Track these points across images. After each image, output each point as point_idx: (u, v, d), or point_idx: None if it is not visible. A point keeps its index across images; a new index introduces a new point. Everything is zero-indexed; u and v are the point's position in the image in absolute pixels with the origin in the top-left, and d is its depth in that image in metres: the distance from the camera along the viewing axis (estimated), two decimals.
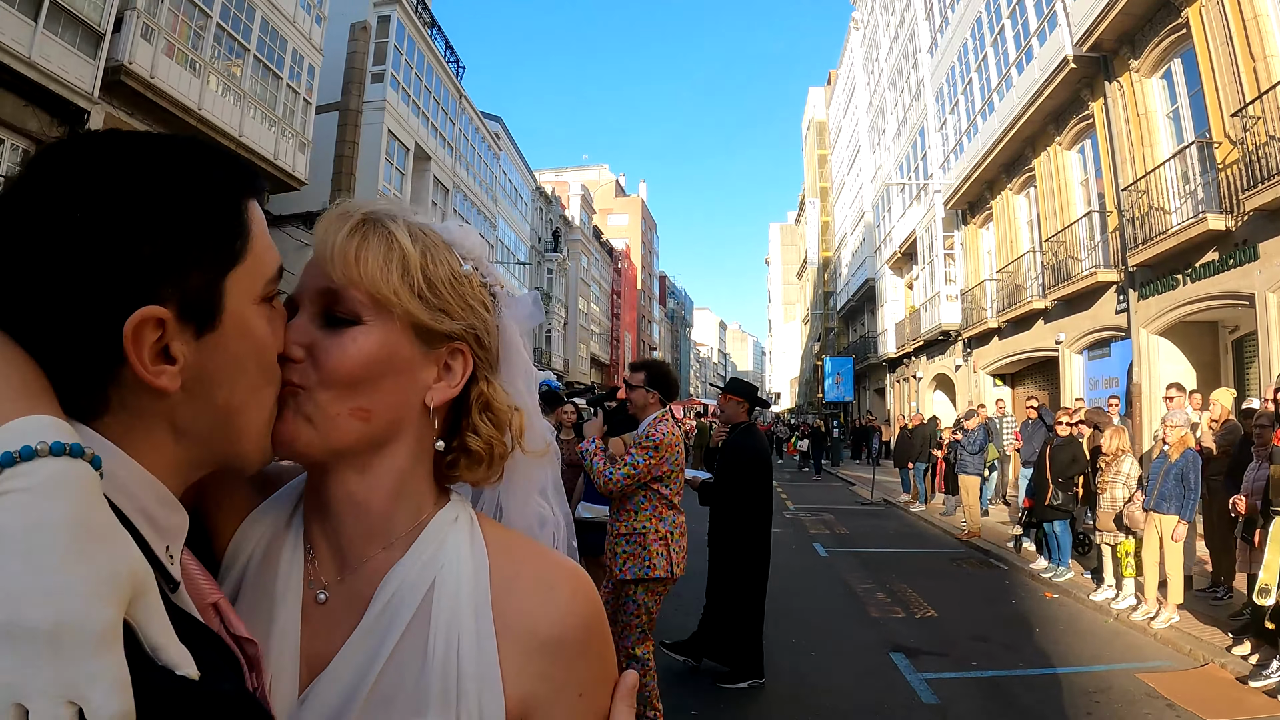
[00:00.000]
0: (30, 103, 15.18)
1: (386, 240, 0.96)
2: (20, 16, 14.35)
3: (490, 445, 1.03)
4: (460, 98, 32.62)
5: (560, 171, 77.87)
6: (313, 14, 22.37)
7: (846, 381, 38.47)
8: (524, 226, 46.65)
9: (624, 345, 77.53)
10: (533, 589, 0.97)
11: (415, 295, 0.96)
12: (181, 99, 17.91)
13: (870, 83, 41.53)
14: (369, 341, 0.94)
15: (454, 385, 1.02)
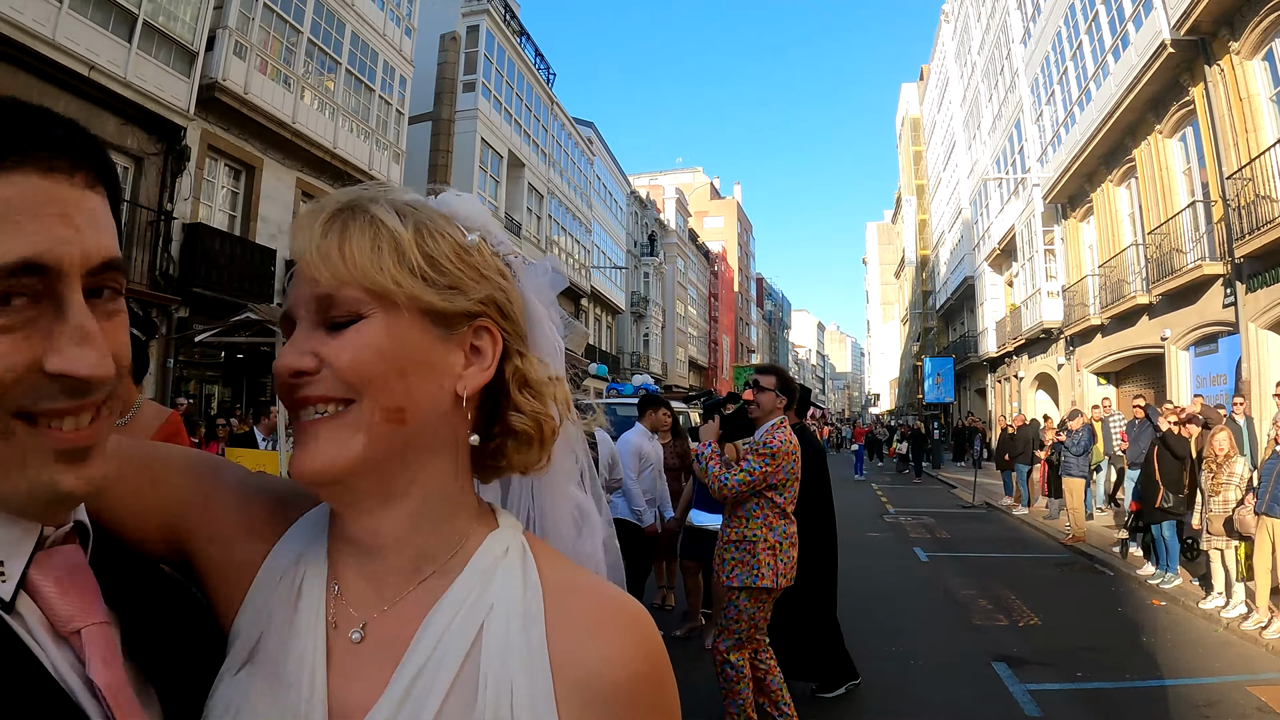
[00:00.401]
0: (128, 122, 15.25)
1: (371, 225, 0.83)
2: (115, 39, 14.40)
3: (539, 422, 0.91)
4: (552, 104, 32.29)
5: (654, 175, 77.22)
6: (402, 26, 22.23)
7: (947, 382, 37.32)
8: (619, 231, 46.16)
9: (722, 348, 76.57)
10: (592, 635, 0.85)
11: (417, 277, 0.82)
12: (275, 113, 17.89)
13: (963, 76, 39.91)
14: (375, 333, 0.81)
15: (486, 367, 0.88)
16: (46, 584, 0.74)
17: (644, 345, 50.55)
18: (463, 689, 0.81)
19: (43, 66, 13.44)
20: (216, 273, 16.70)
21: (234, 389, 18.08)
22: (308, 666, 0.84)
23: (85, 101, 14.36)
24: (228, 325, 14.00)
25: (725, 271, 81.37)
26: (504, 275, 0.92)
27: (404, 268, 0.82)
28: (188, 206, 16.58)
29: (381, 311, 0.82)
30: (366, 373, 0.80)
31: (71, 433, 0.70)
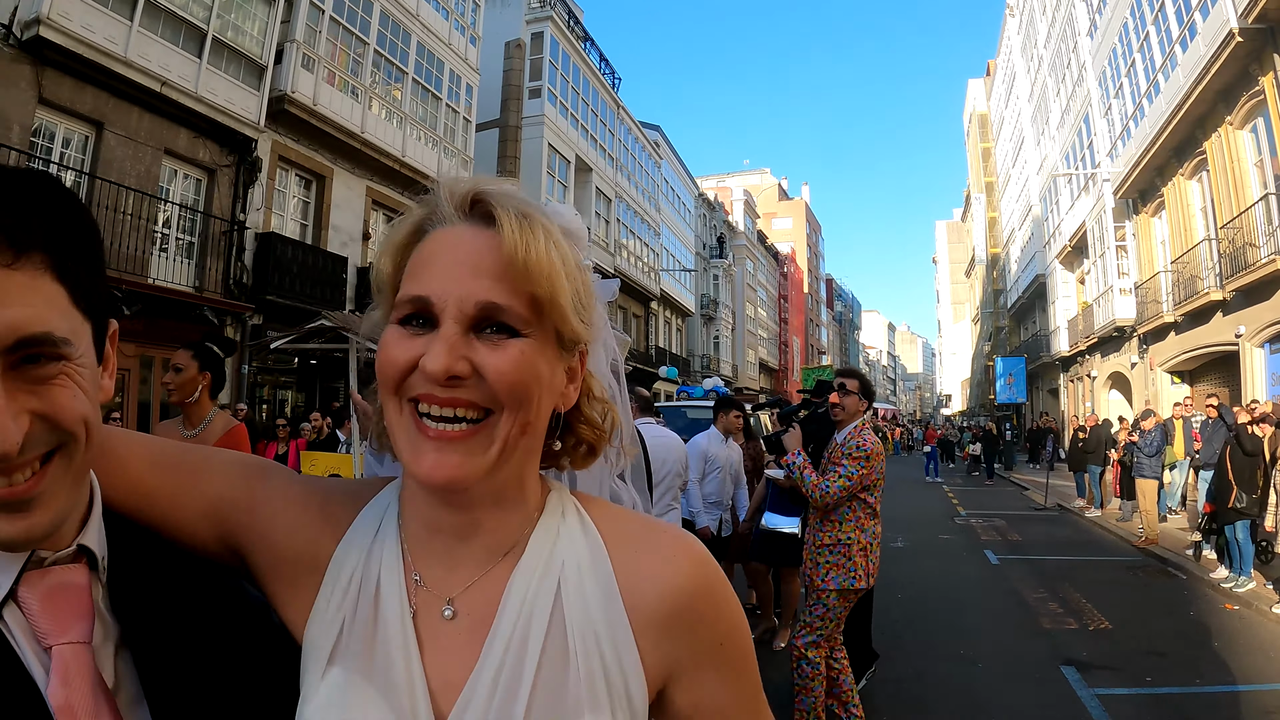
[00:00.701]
0: (200, 135, 15.38)
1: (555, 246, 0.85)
2: (186, 55, 14.54)
3: (598, 431, 0.98)
4: (618, 109, 32.06)
5: (722, 177, 76.35)
6: (467, 35, 22.18)
7: (1019, 382, 36.29)
8: (688, 234, 45.75)
9: (792, 350, 75.45)
10: (652, 565, 0.92)
11: (573, 305, 0.87)
12: (344, 123, 17.93)
13: (1030, 71, 38.68)
14: (532, 353, 0.85)
15: (577, 387, 0.95)
16: (32, 599, 0.81)
17: (714, 348, 50.00)
18: (555, 643, 0.87)
19: (114, 83, 13.63)
20: (289, 280, 16.79)
21: (307, 394, 18.15)
22: (401, 653, 0.87)
23: (158, 116, 14.53)
24: (302, 332, 14.02)
25: (794, 273, 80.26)
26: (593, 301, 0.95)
27: (572, 302, 0.86)
28: (260, 216, 16.69)
29: (539, 332, 0.85)
30: (517, 390, 0.83)
31: (3, 489, 0.75)
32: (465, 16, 22.23)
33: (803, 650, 5.05)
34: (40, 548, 0.81)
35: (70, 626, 0.81)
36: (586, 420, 0.97)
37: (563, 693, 0.85)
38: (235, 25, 15.52)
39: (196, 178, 15.77)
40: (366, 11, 18.52)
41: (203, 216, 15.58)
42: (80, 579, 0.84)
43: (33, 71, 12.63)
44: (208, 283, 15.39)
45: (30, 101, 12.67)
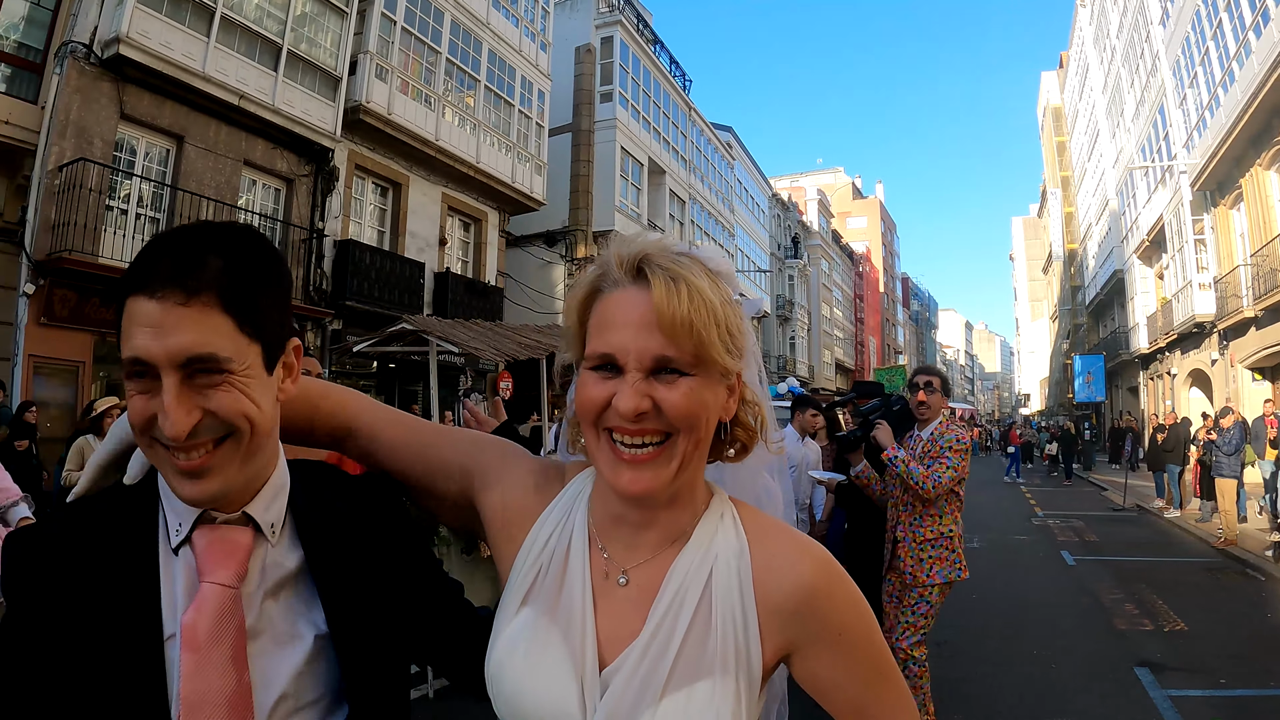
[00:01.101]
0: (278, 146, 15.35)
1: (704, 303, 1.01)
2: (262, 69, 14.52)
3: (750, 438, 1.15)
4: (689, 110, 31.53)
5: (795, 177, 74.97)
6: (537, 41, 21.94)
7: (1097, 380, 34.87)
8: (762, 234, 44.97)
9: (868, 350, 73.58)
10: (783, 563, 1.08)
11: (725, 347, 1.03)
12: (419, 131, 17.80)
13: (1103, 62, 37.05)
14: (697, 389, 1.02)
15: (736, 400, 1.11)
16: (200, 544, 1.07)
17: (790, 349, 49.00)
18: (702, 616, 1.05)
19: (193, 97, 13.66)
20: (367, 286, 16.71)
21: (386, 396, 18.02)
22: (580, 605, 1.07)
23: (236, 128, 14.54)
24: (383, 335, 13.97)
25: (870, 272, 78.50)
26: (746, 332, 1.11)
27: (721, 343, 1.02)
28: (338, 224, 16.65)
29: (702, 369, 1.02)
30: (690, 419, 1.02)
31: (183, 461, 1.01)
32: (535, 23, 21.99)
33: (909, 651, 4.95)
34: (213, 508, 1.06)
35: (220, 570, 1.05)
36: (742, 424, 1.14)
37: (702, 655, 1.02)
38: (309, 38, 15.48)
39: (275, 187, 15.76)
40: (438, 21, 18.37)
41: (282, 225, 15.56)
42: (243, 539, 1.08)
43: (114, 88, 12.69)
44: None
45: (112, 117, 12.73)
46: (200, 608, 1.02)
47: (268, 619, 1.07)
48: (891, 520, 5.22)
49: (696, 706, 1.00)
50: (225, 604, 1.03)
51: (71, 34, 12.23)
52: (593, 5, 25.45)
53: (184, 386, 0.98)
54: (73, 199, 11.83)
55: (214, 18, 13.55)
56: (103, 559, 1.04)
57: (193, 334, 0.97)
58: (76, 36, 12.23)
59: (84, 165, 11.94)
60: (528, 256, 24.03)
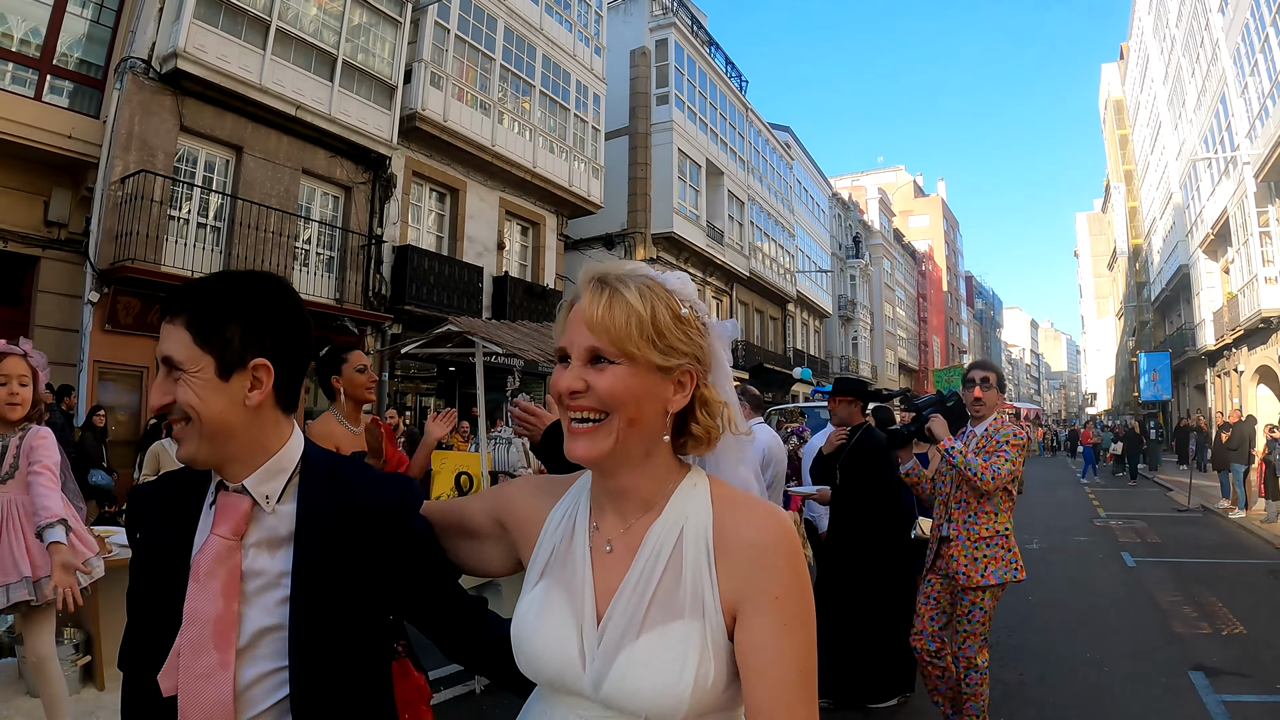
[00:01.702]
0: (336, 154, 15.27)
1: (625, 305, 1.21)
2: (318, 79, 14.44)
3: (708, 431, 1.29)
4: (746, 111, 30.95)
5: (856, 176, 73.43)
6: (591, 45, 21.62)
7: (1163, 378, 33.40)
8: (823, 234, 44.02)
9: (932, 349, 71.64)
10: (740, 519, 1.24)
11: (649, 344, 1.21)
12: (475, 138, 17.61)
13: (1163, 52, 35.39)
14: (622, 375, 1.21)
15: (685, 396, 1.27)
16: (218, 505, 1.37)
17: (852, 349, 47.84)
18: (673, 568, 1.22)
19: (251, 109, 13.62)
20: (426, 290, 16.55)
21: (447, 399, 17.85)
22: (580, 568, 1.28)
23: (295, 138, 14.48)
24: (431, 337, 13.77)
25: (933, 271, 76.56)
26: (701, 333, 1.29)
27: (643, 338, 1.20)
28: (396, 230, 16.52)
29: (627, 361, 1.21)
30: (615, 399, 1.20)
31: (174, 429, 1.36)
32: (589, 28, 21.67)
33: (971, 659, 4.65)
34: (224, 480, 1.38)
35: (222, 525, 1.34)
36: (697, 419, 1.29)
37: (672, 600, 1.19)
38: (364, 49, 15.38)
39: (334, 195, 15.68)
40: (491, 28, 18.16)
41: (341, 232, 15.46)
42: (242, 505, 1.36)
43: (173, 101, 12.68)
44: (348, 294, 15.24)
45: (172, 129, 12.72)
46: (205, 550, 1.33)
47: (261, 567, 1.34)
48: (939, 519, 4.84)
49: (667, 642, 1.16)
50: (221, 550, 1.32)
51: (130, 50, 12.24)
52: (646, 8, 25.06)
53: (164, 378, 1.33)
54: (135, 210, 11.84)
55: (269, 31, 13.50)
56: (174, 508, 1.41)
57: (167, 343, 1.32)
58: (135, 52, 12.23)
59: (145, 177, 11.94)
60: (586, 259, 23.68)
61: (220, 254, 13.38)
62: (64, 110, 11.71)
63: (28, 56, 11.50)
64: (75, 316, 11.92)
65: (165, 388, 1.31)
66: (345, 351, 4.27)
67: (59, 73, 11.86)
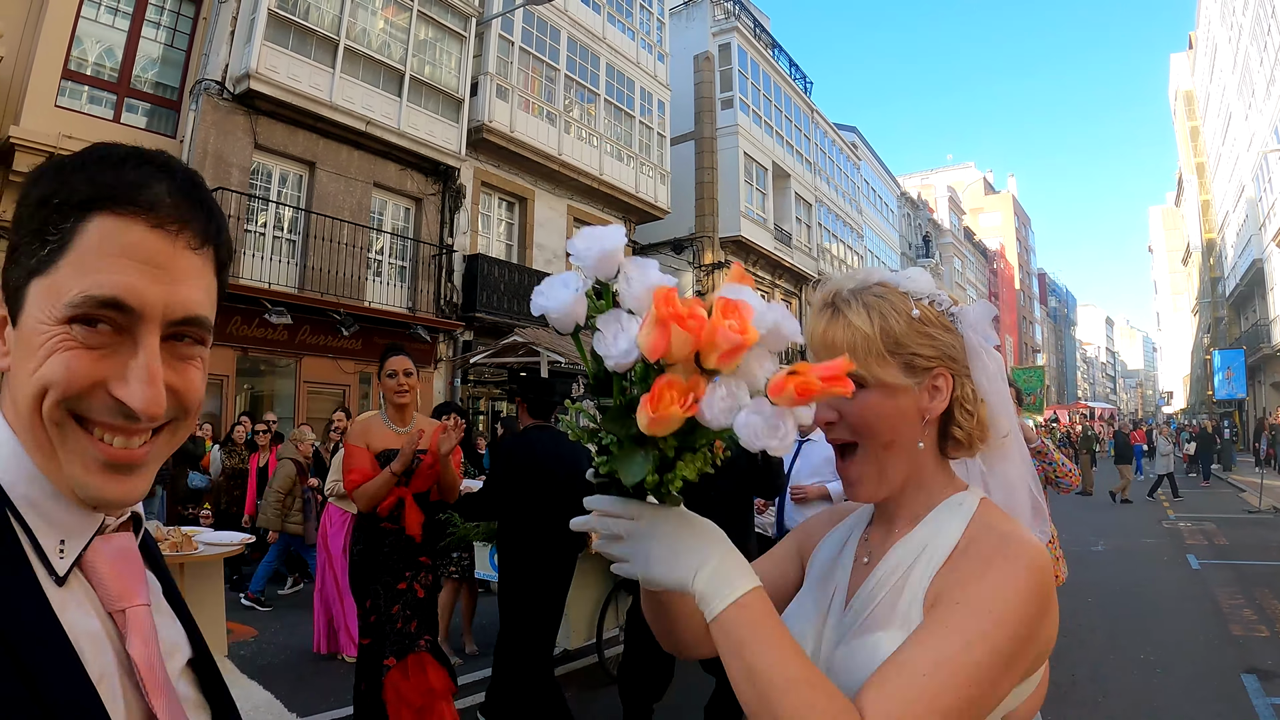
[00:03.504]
0: (406, 167, 15.12)
1: (847, 325, 1.14)
2: (387, 95, 14.32)
3: (969, 434, 1.17)
4: (812, 112, 30.15)
5: (925, 175, 71.43)
6: (654, 53, 21.19)
7: (1238, 376, 31.62)
8: (892, 234, 42.78)
9: (1005, 349, 69.12)
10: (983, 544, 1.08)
11: (883, 359, 1.12)
12: (541, 147, 17.34)
13: (1231, 41, 33.39)
14: (867, 398, 1.12)
15: (943, 400, 1.15)
16: (102, 565, 0.79)
17: None
18: (903, 579, 1.10)
19: (322, 125, 13.54)
20: (496, 298, 16.31)
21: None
22: (839, 574, 1.22)
23: (365, 152, 14.37)
24: (498, 347, 13.99)
25: (1005, 269, 73.91)
26: (948, 329, 1.16)
27: (874, 355, 1.11)
28: (467, 239, 16.34)
29: (872, 382, 1.11)
30: (868, 426, 1.13)
31: (121, 450, 0.75)
32: (651, 35, 21.25)
33: None
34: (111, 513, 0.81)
35: (136, 590, 0.81)
36: (957, 421, 1.16)
37: (894, 607, 1.08)
38: (430, 64, 15.22)
39: (405, 206, 15.55)
40: (554, 39, 17.87)
41: (413, 242, 15.32)
42: (132, 544, 0.83)
43: (247, 120, 12.65)
44: (420, 303, 15.09)
45: (247, 147, 12.69)
46: (145, 639, 0.79)
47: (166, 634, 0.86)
48: None
49: (868, 649, 1.07)
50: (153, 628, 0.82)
51: (204, 72, 12.26)
52: (708, 13, 24.52)
53: (162, 352, 0.77)
54: None
55: (338, 50, 13.41)
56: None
57: (197, 290, 0.78)
58: (209, 74, 12.24)
59: (222, 193, 11.88)
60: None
61: (296, 266, 13.33)
62: (141, 131, 11.74)
63: (106, 80, 11.56)
64: None
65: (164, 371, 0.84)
66: (385, 358, 4.42)
67: (136, 95, 11.92)
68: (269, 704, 4.64)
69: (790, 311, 0.97)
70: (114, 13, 11.60)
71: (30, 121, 10.49)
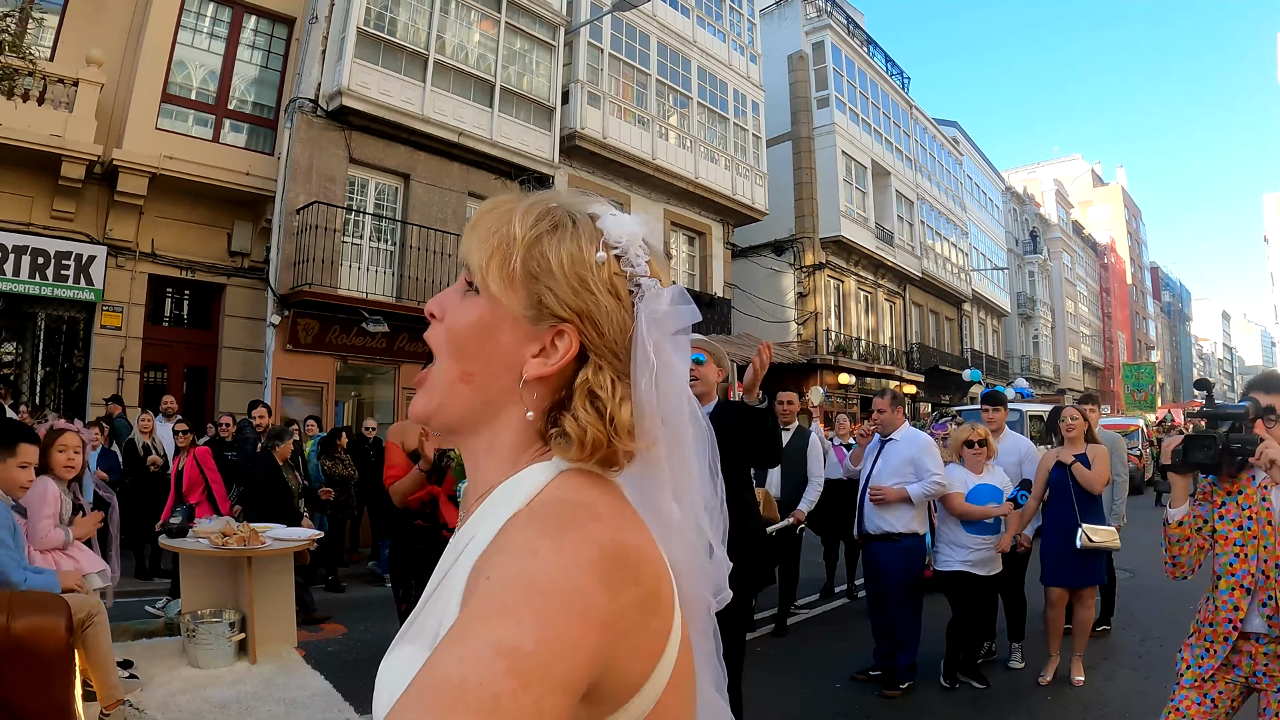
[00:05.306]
0: (499, 176, 14.47)
1: (500, 224, 0.85)
2: (478, 106, 13.78)
3: (584, 430, 0.82)
4: (910, 108, 28.39)
5: (1031, 168, 67.04)
6: (746, 54, 20.09)
7: None
8: (998, 230, 40.05)
9: (1117, 346, 63.97)
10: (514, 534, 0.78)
11: (505, 276, 0.83)
12: (636, 152, 16.52)
13: None
14: (475, 308, 0.85)
15: (551, 364, 0.84)
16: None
17: (1033, 348, 43.00)
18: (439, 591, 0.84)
19: (415, 138, 13.10)
20: None
21: None
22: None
23: (459, 163, 13.88)
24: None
25: (1115, 264, 68.69)
26: (617, 294, 0.84)
27: (497, 265, 0.83)
28: None
29: (485, 293, 0.85)
30: (452, 340, 0.86)
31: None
32: (742, 36, 20.14)
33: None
34: None
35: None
36: (572, 412, 0.84)
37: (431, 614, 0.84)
38: (520, 73, 14.58)
39: None
40: (644, 45, 17.04)
41: None
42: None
43: (341, 136, 12.26)
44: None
45: (342, 162, 12.30)
46: None
47: None
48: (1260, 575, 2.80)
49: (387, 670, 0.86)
50: None
51: (298, 90, 11.96)
52: (800, 11, 23.23)
53: None
54: (310, 238, 11.45)
55: (428, 64, 12.91)
56: None
57: None
58: (303, 92, 11.92)
59: (319, 207, 11.53)
60: (755, 266, 22.14)
61: (393, 276, 12.88)
62: (240, 150, 11.57)
63: (205, 103, 11.39)
64: (259, 338, 11.80)
65: None
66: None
67: (234, 115, 11.74)
68: (326, 693, 4.52)
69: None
70: (210, 37, 11.46)
71: (132, 144, 10.36)
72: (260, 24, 12.12)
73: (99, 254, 10.67)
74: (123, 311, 11.03)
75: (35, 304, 10.46)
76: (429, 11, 13.08)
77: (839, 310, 23.73)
